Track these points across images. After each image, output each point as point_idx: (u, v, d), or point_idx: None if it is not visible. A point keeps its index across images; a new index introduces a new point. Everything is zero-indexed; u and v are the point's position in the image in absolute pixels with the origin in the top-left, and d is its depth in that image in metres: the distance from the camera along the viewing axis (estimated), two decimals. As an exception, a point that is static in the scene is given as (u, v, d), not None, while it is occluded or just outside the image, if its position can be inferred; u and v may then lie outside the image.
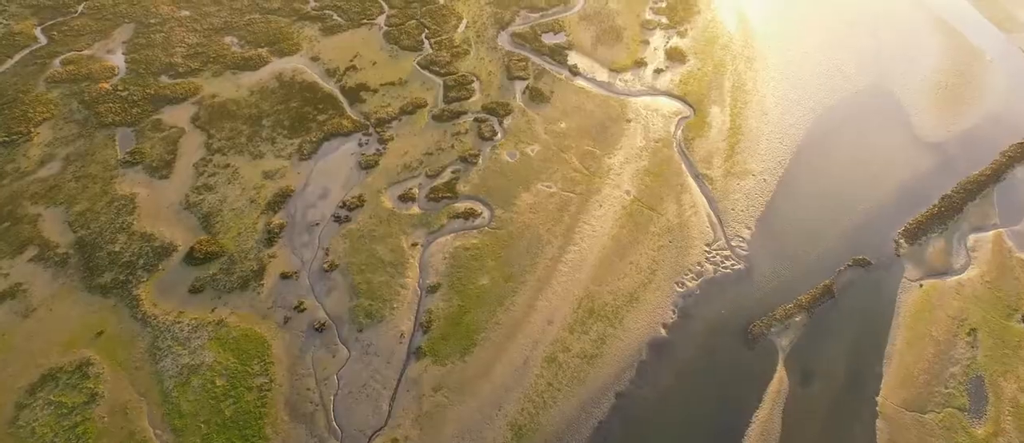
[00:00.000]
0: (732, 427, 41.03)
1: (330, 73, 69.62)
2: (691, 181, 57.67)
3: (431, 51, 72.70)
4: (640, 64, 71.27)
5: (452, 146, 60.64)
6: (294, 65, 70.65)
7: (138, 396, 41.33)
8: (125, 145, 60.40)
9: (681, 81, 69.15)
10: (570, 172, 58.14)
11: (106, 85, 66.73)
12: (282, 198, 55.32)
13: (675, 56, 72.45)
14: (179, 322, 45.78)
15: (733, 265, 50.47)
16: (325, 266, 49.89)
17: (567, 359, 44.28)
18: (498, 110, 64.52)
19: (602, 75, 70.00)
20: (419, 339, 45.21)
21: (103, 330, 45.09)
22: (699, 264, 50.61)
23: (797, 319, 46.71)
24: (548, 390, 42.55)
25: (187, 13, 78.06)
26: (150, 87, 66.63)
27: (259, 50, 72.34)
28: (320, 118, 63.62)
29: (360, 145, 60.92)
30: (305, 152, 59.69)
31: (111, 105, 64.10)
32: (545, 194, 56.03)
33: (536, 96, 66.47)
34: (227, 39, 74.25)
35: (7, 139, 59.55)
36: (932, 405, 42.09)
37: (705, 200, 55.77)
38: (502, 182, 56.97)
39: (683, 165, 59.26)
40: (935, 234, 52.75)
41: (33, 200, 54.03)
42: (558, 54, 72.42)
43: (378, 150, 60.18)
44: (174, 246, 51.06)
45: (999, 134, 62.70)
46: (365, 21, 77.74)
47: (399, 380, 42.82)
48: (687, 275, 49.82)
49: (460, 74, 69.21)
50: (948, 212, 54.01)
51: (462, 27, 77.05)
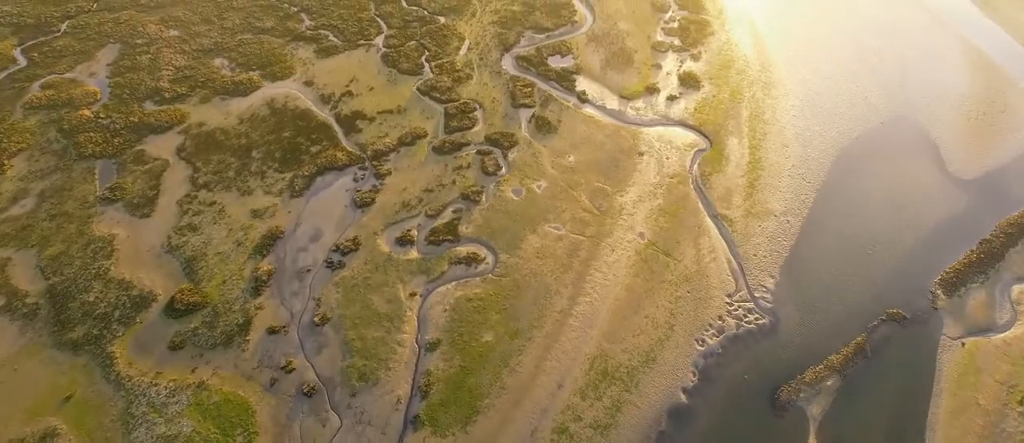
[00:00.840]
0: (761, 511, 37.25)
1: (325, 99, 65.85)
2: (709, 222, 53.86)
3: (432, 75, 68.93)
4: (652, 90, 67.47)
5: (453, 182, 56.86)
6: (287, 90, 66.89)
7: (107, 475, 37.56)
8: (105, 179, 56.66)
9: (696, 109, 65.35)
10: (579, 212, 54.35)
11: (87, 112, 63.02)
12: (271, 240, 51.53)
13: (689, 82, 68.66)
14: (156, 384, 41.99)
15: (757, 319, 46.65)
16: (316, 319, 46.10)
17: (579, 430, 40.47)
18: (502, 141, 60.74)
19: (612, 102, 66.21)
20: (417, 405, 41.41)
21: (72, 393, 41.32)
22: (720, 318, 46.79)
23: (828, 383, 42.90)
24: (558, 467, 38.79)
25: (176, 33, 74.35)
26: (134, 114, 62.88)
27: (250, 74, 68.59)
28: (313, 150, 59.85)
29: (355, 180, 57.15)
30: (297, 188, 55.91)
31: (92, 134, 60.37)
32: (553, 237, 52.23)
33: (542, 126, 62.70)
34: (217, 61, 70.51)
35: (-22, 174, 55.91)
36: (980, 485, 38.33)
37: (725, 244, 51.97)
38: (507, 222, 53.18)
39: (700, 204, 55.47)
40: (975, 284, 48.92)
41: (2, 242, 50.28)
42: (565, 79, 68.65)
43: (374, 186, 56.40)
44: (154, 295, 47.28)
45: (1037, 170, 59.02)
46: (362, 42, 74.00)
47: (395, 455, 39.06)
48: (708, 331, 46.00)
49: (462, 101, 65.44)
50: (988, 259, 50.20)
51: (464, 49, 73.29)
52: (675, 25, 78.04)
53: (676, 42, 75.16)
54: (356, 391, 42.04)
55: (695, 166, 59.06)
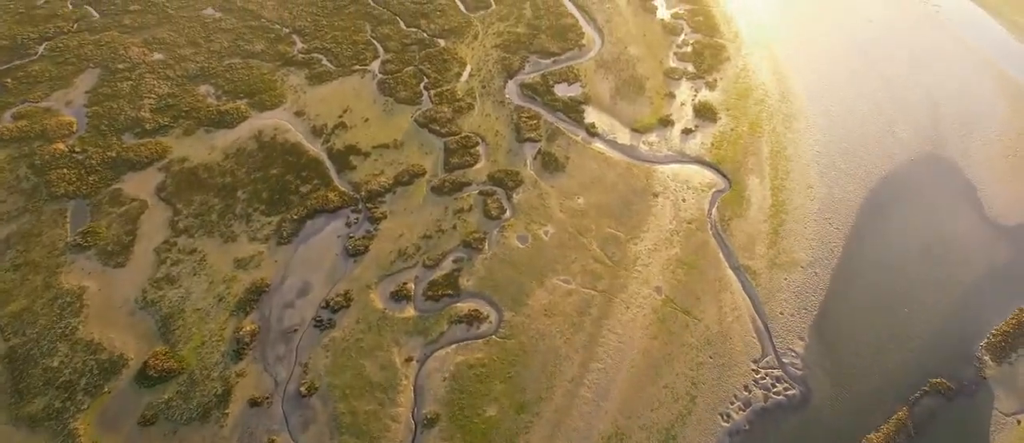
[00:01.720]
0: None
1: (316, 132, 61.62)
2: (731, 275, 49.66)
3: (431, 105, 64.70)
4: (666, 123, 63.27)
5: (454, 227, 52.64)
6: (276, 121, 62.64)
7: None
8: (78, 222, 52.45)
9: (713, 144, 61.16)
10: (590, 262, 50.13)
11: (62, 145, 58.79)
12: (256, 295, 47.30)
13: (705, 113, 64.47)
14: (123, 468, 37.73)
15: (786, 390, 42.46)
16: (303, 389, 41.87)
17: (593, 525, 36.25)
18: (506, 181, 56.52)
19: (623, 136, 62.00)
20: (413, 495, 37.21)
21: (28, 480, 37.07)
22: (746, 388, 42.60)
23: (869, 468, 38.70)
24: None
25: (160, 56, 70.12)
26: (112, 148, 58.65)
27: (238, 102, 64.35)
28: (303, 189, 55.62)
29: (348, 225, 52.93)
30: (284, 234, 51.67)
31: (65, 171, 56.16)
32: (562, 291, 48.02)
33: (549, 163, 58.49)
34: (203, 88, 66.27)
35: (-61, 218, 51.69)
36: None
37: (748, 301, 47.79)
38: (512, 275, 48.96)
39: (721, 253, 51.28)
40: (1024, 350, 44.78)
41: (-38, 298, 46.04)
42: (573, 110, 64.44)
43: (368, 232, 52.19)
44: (125, 360, 43.07)
45: (1082, 214, 54.86)
46: (357, 67, 69.77)
47: None
48: (733, 404, 41.79)
49: (463, 134, 61.23)
50: (1036, 321, 46.05)
51: (465, 76, 69.07)
52: (688, 49, 73.84)
53: (690, 68, 70.96)
54: (345, 477, 37.82)
55: (714, 209, 54.87)
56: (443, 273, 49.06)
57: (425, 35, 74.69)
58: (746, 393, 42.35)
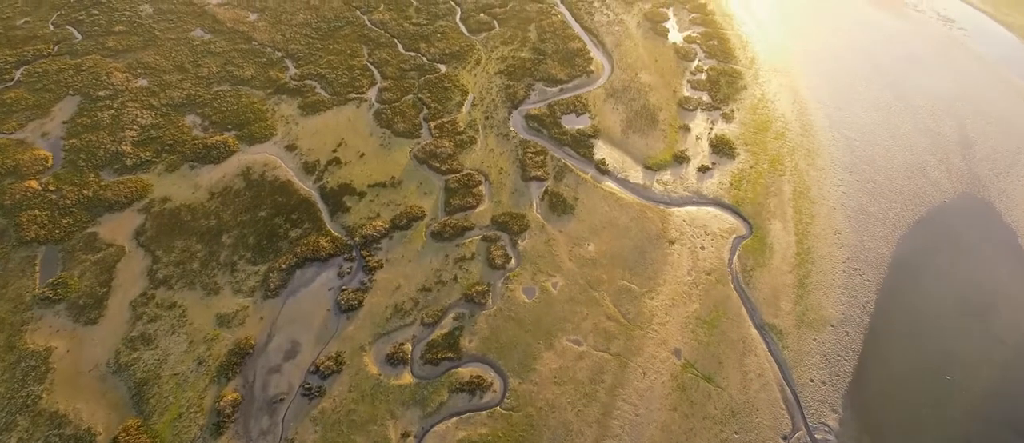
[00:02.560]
0: None
1: (308, 168, 57.71)
2: (755, 335, 45.76)
3: (430, 138, 60.77)
4: (681, 159, 59.37)
5: (455, 278, 48.72)
6: (266, 156, 58.72)
7: None
8: (48, 271, 48.55)
9: (732, 184, 57.26)
10: (603, 320, 46.21)
11: (35, 183, 54.91)
12: (239, 357, 43.37)
13: (722, 148, 60.57)
14: None
15: (821, 472, 38.56)
16: (287, 471, 37.92)
17: None
18: (511, 225, 52.62)
19: (636, 174, 58.09)
20: None
21: None
22: (777, 470, 38.68)
23: None
24: None
25: (144, 83, 66.23)
26: (89, 186, 54.74)
27: (225, 135, 60.45)
28: (293, 234, 51.69)
29: (341, 276, 49.01)
30: (272, 287, 47.73)
31: (37, 212, 52.27)
32: (573, 354, 44.09)
33: (557, 204, 54.58)
34: (188, 119, 62.37)
35: None
36: None
37: (775, 366, 43.89)
38: (518, 334, 45.05)
39: (743, 309, 47.39)
40: (1080, 427, 40.84)
41: (-84, 362, 42.12)
42: (582, 144, 60.55)
43: (362, 283, 48.27)
44: (92, 436, 39.15)
45: None
46: (353, 95, 65.88)
47: None
48: (763, 490, 37.87)
49: (465, 172, 57.31)
50: (1091, 392, 42.13)
51: (467, 105, 65.18)
52: (703, 77, 69.97)
53: (705, 98, 67.08)
54: None
55: (735, 258, 50.95)
56: (443, 332, 45.14)
57: (425, 60, 70.87)
58: (776, 476, 38.45)
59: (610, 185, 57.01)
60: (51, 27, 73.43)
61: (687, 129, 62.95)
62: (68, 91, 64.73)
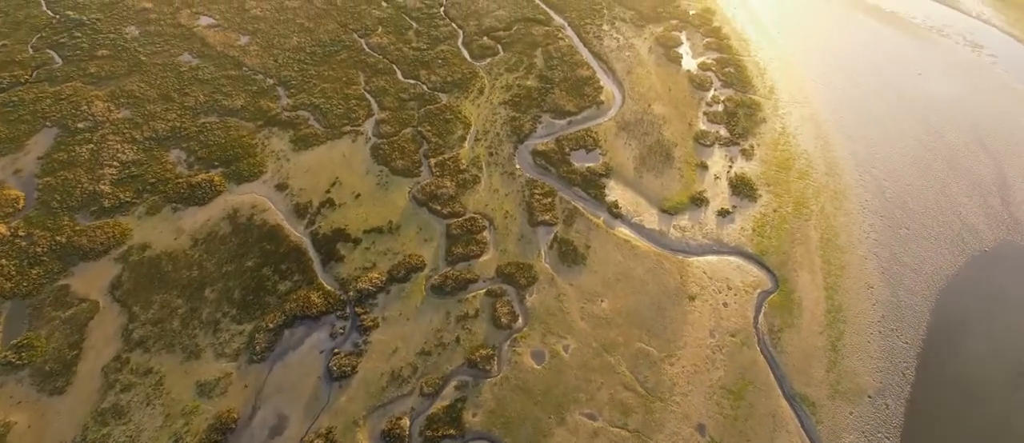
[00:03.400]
0: None
1: (299, 211, 53.73)
2: (785, 407, 41.81)
3: (431, 177, 56.80)
4: (699, 201, 55.42)
5: (457, 340, 44.75)
6: (254, 197, 54.74)
7: None
8: (13, 330, 44.57)
9: (754, 230, 53.32)
10: (620, 390, 42.21)
11: (3, 228, 50.87)
12: (220, 433, 39.43)
13: (743, 189, 56.62)
14: None
15: None
16: None
17: None
18: (518, 277, 48.66)
19: (651, 219, 54.14)
20: None
21: None
22: None
23: None
24: None
25: (127, 113, 62.23)
26: (62, 231, 50.75)
27: (211, 172, 56.48)
28: (281, 288, 47.71)
29: (333, 336, 45.02)
30: (258, 349, 43.73)
31: (5, 261, 48.30)
32: (587, 431, 40.10)
33: (567, 253, 50.63)
34: (173, 154, 58.40)
35: None
36: None
37: (810, 445, 39.88)
38: (527, 407, 41.05)
39: (772, 376, 43.40)
40: None
41: None
42: (593, 184, 56.62)
43: (357, 345, 44.30)
44: (53, 530, 35.03)
45: None
46: (349, 128, 61.91)
47: None
48: None
49: (468, 216, 53.35)
50: None
51: (470, 139, 61.23)
52: (719, 108, 66.07)
53: (722, 132, 63.14)
54: None
55: (761, 317, 46.98)
56: (444, 404, 41.15)
57: (425, 88, 66.91)
58: None
59: (624, 231, 53.03)
60: (30, 51, 69.42)
61: (705, 167, 59.02)
62: (45, 122, 60.69)
